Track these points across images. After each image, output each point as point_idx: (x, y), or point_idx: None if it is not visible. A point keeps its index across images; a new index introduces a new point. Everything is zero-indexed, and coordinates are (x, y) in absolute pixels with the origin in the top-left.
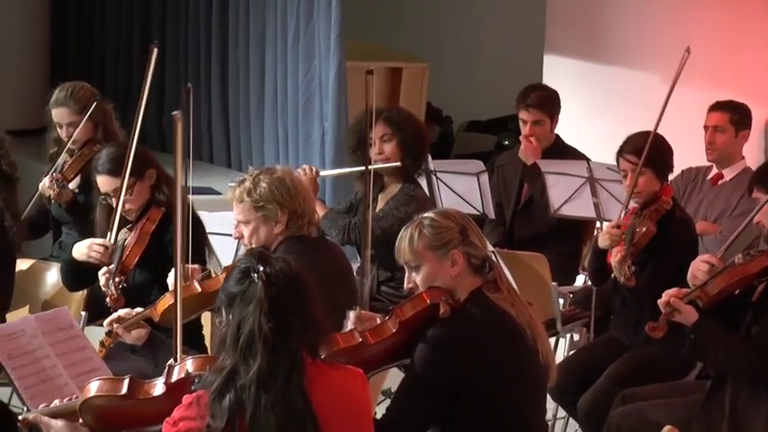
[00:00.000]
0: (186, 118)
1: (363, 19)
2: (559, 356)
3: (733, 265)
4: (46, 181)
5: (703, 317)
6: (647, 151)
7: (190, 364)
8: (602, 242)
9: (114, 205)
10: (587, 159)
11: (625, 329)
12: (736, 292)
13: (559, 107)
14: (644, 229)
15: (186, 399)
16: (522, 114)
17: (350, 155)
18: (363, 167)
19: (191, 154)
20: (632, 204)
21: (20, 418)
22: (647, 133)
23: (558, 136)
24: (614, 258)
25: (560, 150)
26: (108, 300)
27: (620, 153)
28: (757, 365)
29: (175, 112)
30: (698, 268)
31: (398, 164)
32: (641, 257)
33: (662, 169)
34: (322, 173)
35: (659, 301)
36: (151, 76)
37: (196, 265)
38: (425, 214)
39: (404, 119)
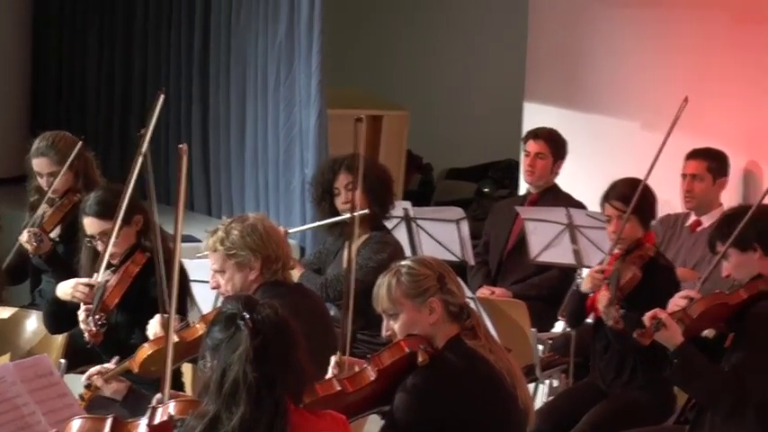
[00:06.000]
0: (143, 162)
1: (344, 67)
2: (539, 402)
3: (713, 293)
4: (24, 235)
5: (687, 342)
6: (637, 199)
7: (173, 407)
8: (586, 285)
9: (101, 248)
10: (582, 206)
11: (606, 374)
12: (711, 332)
13: (565, 154)
14: (629, 274)
15: None
16: (529, 146)
17: (315, 207)
18: (334, 219)
19: (153, 196)
20: (615, 250)
21: None
22: (632, 179)
23: (556, 184)
24: (601, 303)
25: (556, 195)
26: (86, 335)
27: (606, 199)
28: (736, 396)
29: (182, 145)
30: (676, 304)
31: (366, 211)
32: (625, 302)
33: (647, 217)
34: (290, 230)
35: (645, 316)
36: (155, 123)
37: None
38: (403, 262)
39: (365, 165)
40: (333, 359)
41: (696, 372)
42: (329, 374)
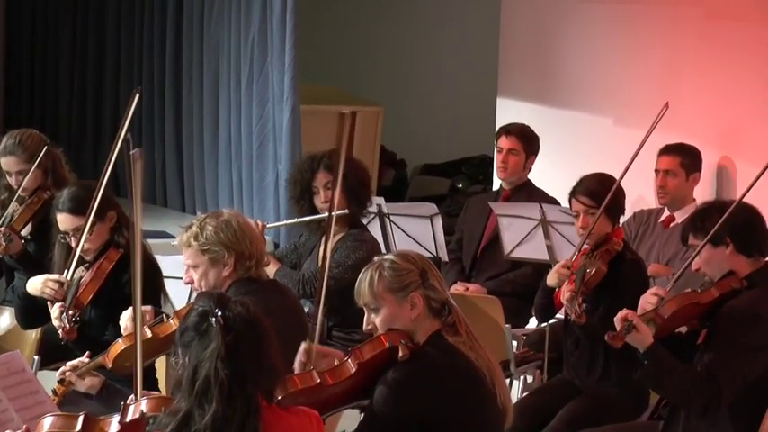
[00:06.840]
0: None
1: (318, 63)
2: (513, 398)
3: (685, 292)
4: None
5: (657, 343)
6: (609, 198)
7: (145, 404)
8: (551, 280)
9: (73, 244)
10: (555, 202)
11: (578, 370)
12: (684, 328)
13: (537, 149)
14: (594, 269)
15: None
16: (501, 142)
17: (293, 205)
18: (312, 218)
19: (132, 193)
20: (584, 246)
21: None
22: (599, 175)
23: (529, 179)
24: (564, 296)
25: (529, 190)
26: (60, 332)
27: (573, 194)
28: (708, 395)
29: (134, 151)
30: (647, 301)
31: (346, 211)
32: (593, 297)
33: (615, 212)
34: (269, 225)
35: (616, 317)
36: (129, 120)
37: (149, 307)
38: (386, 256)
39: (345, 164)
40: (302, 345)
41: (667, 373)
42: (297, 361)
